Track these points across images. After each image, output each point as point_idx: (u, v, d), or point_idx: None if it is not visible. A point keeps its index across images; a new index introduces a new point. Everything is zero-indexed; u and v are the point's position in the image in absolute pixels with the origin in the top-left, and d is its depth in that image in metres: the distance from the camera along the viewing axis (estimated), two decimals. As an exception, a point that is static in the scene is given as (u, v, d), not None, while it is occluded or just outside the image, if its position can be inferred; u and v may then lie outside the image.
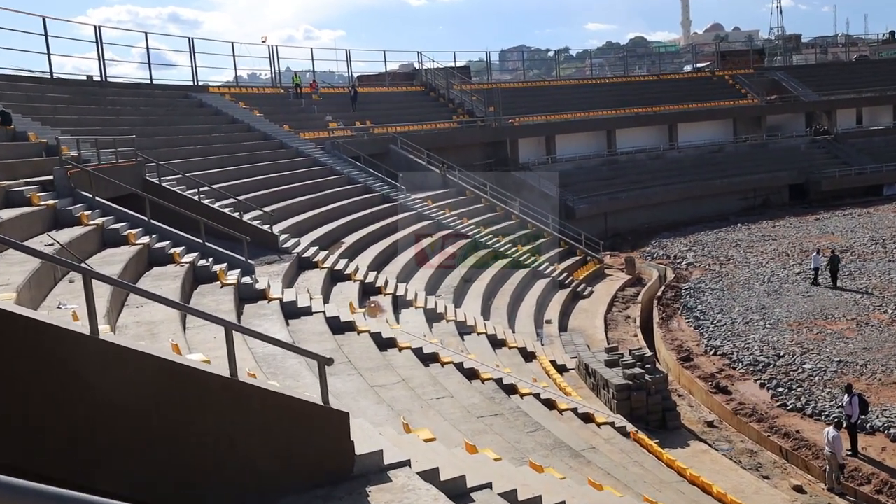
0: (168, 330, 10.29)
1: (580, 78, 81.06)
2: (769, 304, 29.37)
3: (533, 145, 52.50)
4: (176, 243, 16.69)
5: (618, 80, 66.25)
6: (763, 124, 61.67)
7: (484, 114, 50.47)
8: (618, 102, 59.03)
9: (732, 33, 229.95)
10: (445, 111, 50.80)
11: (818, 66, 76.78)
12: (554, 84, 64.46)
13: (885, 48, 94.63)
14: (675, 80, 66.94)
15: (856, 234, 42.48)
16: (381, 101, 49.08)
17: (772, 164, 57.31)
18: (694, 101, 61.27)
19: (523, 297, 29.20)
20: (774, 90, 66.04)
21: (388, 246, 27.45)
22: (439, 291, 25.52)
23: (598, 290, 33.29)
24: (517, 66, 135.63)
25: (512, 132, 50.37)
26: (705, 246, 42.36)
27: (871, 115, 66.80)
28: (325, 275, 20.43)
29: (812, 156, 59.75)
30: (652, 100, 60.44)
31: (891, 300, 28.75)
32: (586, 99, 59.16)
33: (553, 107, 56.40)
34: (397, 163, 39.20)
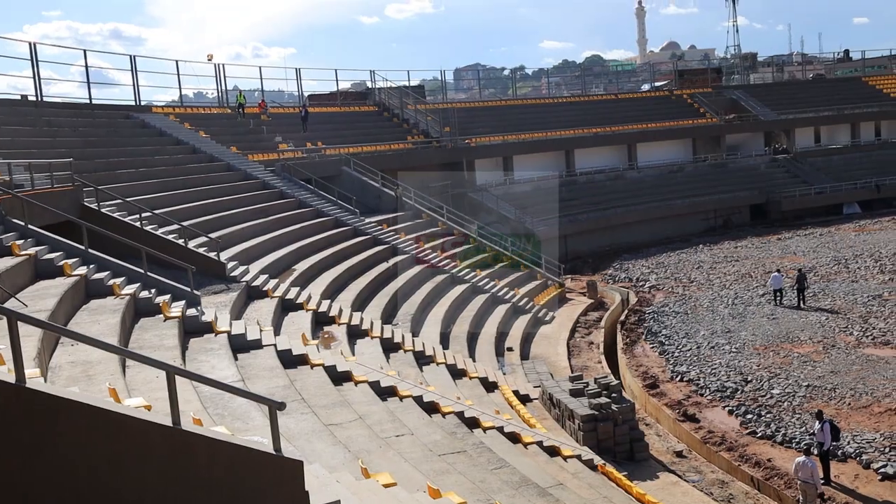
0: (106, 371, 9.81)
1: (537, 97, 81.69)
2: (734, 328, 29.52)
3: (490, 166, 52.54)
4: (116, 274, 16.15)
5: (575, 100, 66.84)
6: (722, 144, 62.71)
7: (439, 134, 50.45)
8: (576, 122, 59.56)
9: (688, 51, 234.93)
10: (400, 131, 50.66)
11: (776, 84, 78.46)
12: (510, 103, 64.86)
13: (840, 66, 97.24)
14: (633, 100, 67.86)
15: (818, 254, 43.13)
16: (333, 122, 48.81)
17: (732, 183, 58.18)
18: (653, 120, 62.14)
19: (483, 323, 28.98)
20: (733, 109, 67.24)
21: (342, 272, 27.10)
22: (396, 319, 25.20)
23: (559, 315, 33.20)
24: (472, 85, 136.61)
25: (468, 153, 50.39)
26: (667, 268, 42.65)
27: (830, 133, 68.36)
28: (276, 304, 19.99)
29: (772, 175, 60.81)
30: (610, 119, 61.07)
31: (856, 321, 29.08)
32: (544, 118, 59.57)
33: (510, 127, 56.68)
34: (350, 185, 38.87)
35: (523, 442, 16.50)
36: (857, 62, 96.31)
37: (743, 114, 66.16)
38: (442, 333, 25.53)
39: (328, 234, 31.08)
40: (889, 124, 70.07)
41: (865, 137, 68.08)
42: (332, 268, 27.33)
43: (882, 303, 31.43)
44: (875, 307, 30.88)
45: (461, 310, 29.24)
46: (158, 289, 16.39)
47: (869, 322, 28.83)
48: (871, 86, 75.05)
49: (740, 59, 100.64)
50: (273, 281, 22.20)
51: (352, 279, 27.29)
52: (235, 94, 45.27)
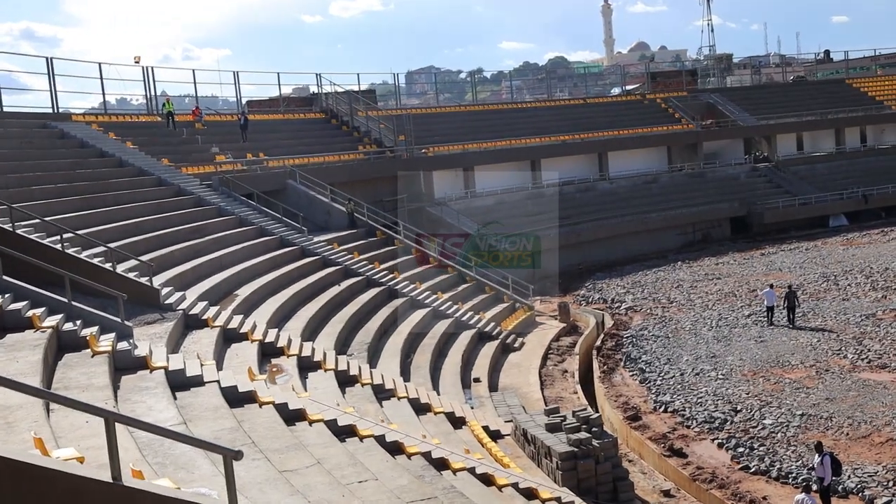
0: (28, 416, 9.38)
1: (498, 102, 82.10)
2: (720, 352, 29.70)
3: (449, 178, 52.57)
4: (35, 303, 15.65)
5: (540, 105, 67.41)
6: (699, 151, 63.58)
7: (393, 143, 50.34)
8: (541, 129, 59.96)
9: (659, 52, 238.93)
10: (350, 141, 50.48)
11: (754, 88, 79.91)
12: (470, 109, 65.14)
13: (822, 68, 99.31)
14: (603, 104, 68.63)
15: (805, 270, 43.75)
16: (276, 130, 48.46)
17: (711, 194, 58.95)
18: (624, 126, 62.87)
19: (447, 351, 28.87)
20: (709, 114, 68.27)
21: (290, 298, 26.82)
22: (351, 349, 24.97)
23: (529, 341, 33.17)
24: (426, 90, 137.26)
25: (426, 163, 50.34)
26: (644, 287, 42.91)
27: (813, 140, 69.74)
28: (217, 335, 19.59)
29: (753, 185, 61.75)
30: (579, 126, 61.61)
31: (850, 343, 29.44)
32: (506, 125, 59.89)
33: (470, 135, 56.88)
34: (297, 200, 38.59)
35: (497, 484, 16.27)
36: (839, 63, 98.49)
37: (721, 119, 67.19)
38: (402, 364, 25.33)
39: (273, 255, 30.76)
40: (874, 129, 71.80)
41: (851, 144, 69.65)
42: (279, 293, 27.00)
43: (876, 322, 31.89)
44: (869, 327, 31.32)
45: (422, 337, 29.04)
46: (84, 320, 15.93)
47: (863, 344, 29.20)
48: (855, 88, 76.79)
49: (715, 61, 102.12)
50: (213, 308, 21.79)
51: (300, 305, 26.99)
52: (163, 101, 44.53)
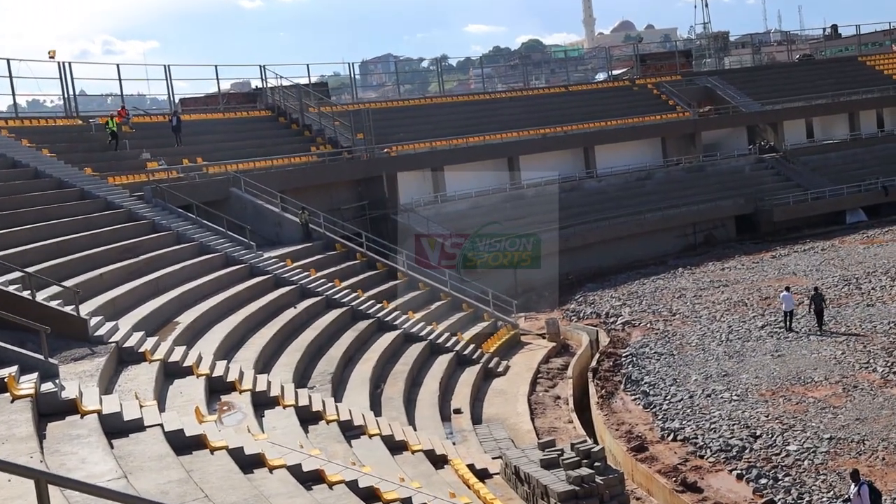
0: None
1: (467, 93, 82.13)
2: (733, 370, 29.72)
3: (416, 180, 52.45)
4: (-58, 341, 15.21)
5: (516, 95, 67.48)
6: (698, 142, 63.95)
7: (351, 143, 50.12)
8: (518, 122, 60.07)
9: (646, 32, 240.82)
10: (301, 141, 50.23)
11: (756, 69, 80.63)
12: (436, 101, 65.05)
13: (831, 45, 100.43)
14: (587, 92, 68.85)
15: (822, 273, 44.02)
16: (215, 131, 48.18)
17: (712, 191, 59.26)
18: (612, 116, 63.18)
19: (421, 380, 28.75)
20: (707, 100, 68.82)
21: (239, 324, 26.56)
22: (312, 381, 24.76)
23: (515, 365, 33.08)
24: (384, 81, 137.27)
25: (388, 165, 50.20)
26: (643, 298, 42.94)
27: (824, 126, 70.46)
28: (157, 370, 19.23)
29: (759, 179, 62.18)
30: (561, 117, 61.73)
31: (878, 354, 29.59)
32: (478, 119, 59.95)
33: (438, 131, 56.82)
34: (242, 211, 38.37)
35: (489, 532, 16.05)
36: (849, 39, 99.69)
37: (720, 105, 67.69)
38: (371, 395, 25.17)
39: (217, 274, 30.57)
40: (892, 112, 72.69)
41: (866, 129, 70.38)
42: (226, 318, 26.77)
43: (907, 330, 32.11)
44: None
45: (393, 364, 28.94)
46: (0, 358, 15.52)
47: (894, 355, 29.37)
48: (869, 66, 77.80)
49: (711, 40, 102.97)
50: (151, 340, 21.41)
51: (252, 332, 26.77)
52: (106, 124, 41.65)
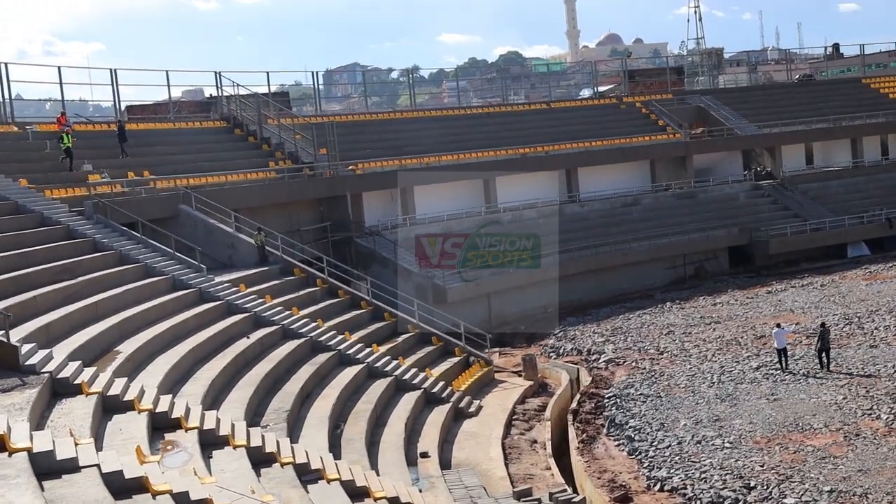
0: None
1: (440, 107, 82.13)
2: (725, 414, 29.75)
3: (383, 201, 52.51)
4: None
5: (494, 110, 67.70)
6: (689, 167, 64.37)
7: (313, 158, 50.04)
8: (495, 140, 60.35)
9: (634, 46, 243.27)
10: (258, 155, 50.15)
11: (752, 89, 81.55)
12: (407, 116, 65.33)
13: (832, 65, 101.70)
14: (570, 110, 69.37)
15: (822, 310, 44.28)
16: (165, 142, 48.04)
17: (704, 219, 59.66)
18: (598, 136, 63.62)
19: (386, 419, 28.69)
20: (700, 121, 69.47)
21: (186, 354, 26.45)
22: (266, 419, 24.59)
23: (488, 405, 33.05)
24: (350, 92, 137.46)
25: (353, 183, 50.15)
26: (627, 335, 43.02)
27: (825, 152, 71.24)
28: (95, 404, 19.00)
29: (755, 207, 62.69)
30: (542, 136, 62.13)
31: (883, 400, 29.71)
32: (453, 136, 60.30)
33: (408, 148, 56.98)
34: (192, 231, 38.15)
35: (459, 590, 15.89)
36: (851, 59, 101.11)
37: (714, 127, 68.26)
38: (330, 436, 25.07)
39: (163, 300, 30.47)
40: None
41: (870, 156, 71.22)
42: (172, 348, 26.63)
43: (913, 374, 32.30)
44: (905, 380, 31.68)
45: (354, 401, 28.89)
46: (-79, 388, 15.24)
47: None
48: (873, 89, 78.78)
49: (705, 56, 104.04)
50: (88, 370, 21.17)
51: (200, 363, 26.62)
52: (60, 137, 40.55)
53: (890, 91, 78.48)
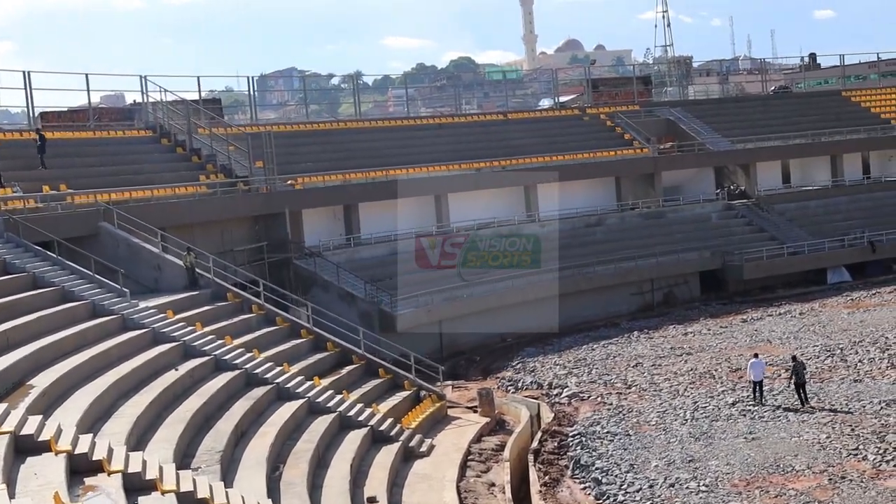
0: None
1: (387, 117, 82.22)
2: (700, 454, 29.78)
3: (324, 219, 52.47)
4: None
5: (445, 121, 67.75)
6: (657, 184, 64.85)
7: (248, 172, 49.68)
8: (447, 154, 60.58)
9: (596, 53, 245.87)
10: (188, 168, 49.74)
11: (725, 101, 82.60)
12: (351, 126, 65.10)
13: (810, 76, 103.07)
14: (529, 122, 69.62)
15: (801, 341, 44.65)
16: (84, 153, 47.52)
17: (674, 241, 60.11)
18: (559, 151, 63.88)
19: (329, 460, 28.47)
20: (669, 135, 69.94)
21: (108, 388, 26.09)
22: (197, 460, 24.31)
23: (441, 444, 32.86)
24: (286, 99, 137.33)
25: (292, 200, 49.98)
26: (592, 367, 43.06)
27: (803, 169, 72.11)
28: (6, 445, 18.78)
29: (728, 229, 63.27)
30: (498, 150, 62.34)
31: (869, 439, 29.89)
32: (400, 149, 60.42)
33: (351, 161, 56.94)
34: (115, 251, 37.77)
35: None
36: (830, 70, 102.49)
37: (684, 142, 68.78)
38: (268, 479, 24.74)
39: (82, 327, 30.20)
40: (880, 156, 74.85)
41: (850, 174, 72.17)
42: (92, 381, 26.29)
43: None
44: (892, 418, 31.90)
45: (294, 440, 28.65)
46: None
47: (887, 440, 29.66)
48: (853, 102, 79.82)
49: (674, 65, 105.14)
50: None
51: (123, 398, 26.29)
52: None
53: (871, 105, 79.63)
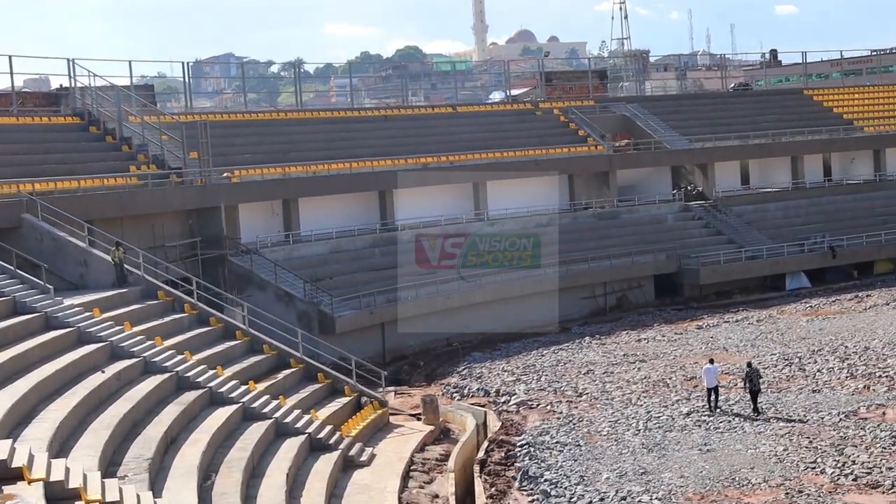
0: None
1: (330, 108, 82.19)
2: (653, 466, 29.90)
3: (262, 215, 52.33)
4: None
5: (391, 113, 67.84)
6: (612, 183, 65.19)
7: (182, 163, 49.39)
8: (392, 148, 60.64)
9: (549, 45, 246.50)
10: (118, 157, 49.49)
11: (683, 97, 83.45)
12: (291, 117, 64.97)
13: (771, 73, 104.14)
14: (479, 115, 69.97)
15: (759, 349, 45.08)
16: (6, 140, 47.10)
17: (628, 243, 60.57)
18: (509, 146, 64.20)
19: (264, 469, 28.24)
20: (625, 132, 70.35)
21: (29, 392, 25.77)
22: (123, 468, 24.05)
23: (382, 453, 32.74)
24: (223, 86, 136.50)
25: (228, 193, 49.74)
26: (541, 373, 43.17)
27: (762, 170, 73.06)
28: (-81, 450, 18.34)
29: (684, 231, 63.85)
30: (446, 144, 62.56)
31: (827, 451, 30.16)
32: (344, 141, 60.45)
33: (292, 153, 56.98)
34: (38, 245, 37.38)
35: None
36: (791, 68, 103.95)
37: (640, 140, 69.33)
38: (199, 489, 24.52)
39: (2, 326, 29.90)
40: (842, 158, 75.87)
41: (811, 176, 73.20)
42: (12, 384, 25.99)
43: (859, 423, 32.95)
44: (850, 430, 32.28)
45: (228, 448, 28.37)
46: None
47: (845, 453, 30.00)
48: (815, 101, 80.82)
49: (630, 59, 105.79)
50: (-89, 409, 20.50)
51: (45, 402, 26.01)
52: None
53: (834, 105, 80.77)
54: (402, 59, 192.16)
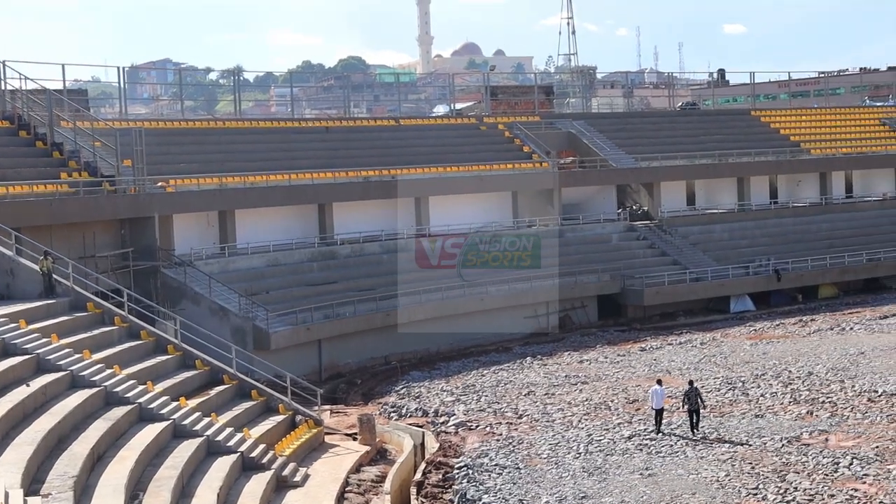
0: None
1: (269, 118, 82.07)
2: (593, 491, 29.96)
3: (197, 226, 52.05)
4: None
5: (332, 124, 67.79)
6: (556, 201, 65.37)
7: (115, 171, 48.96)
8: (333, 160, 60.68)
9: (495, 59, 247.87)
10: (48, 164, 48.94)
11: (629, 115, 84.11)
12: (230, 126, 64.88)
13: (719, 94, 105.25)
14: (423, 129, 70.20)
15: (702, 373, 45.37)
16: (-69, 144, 46.29)
17: (571, 262, 60.79)
18: (453, 161, 64.50)
19: (194, 489, 27.92)
20: (570, 149, 70.78)
21: (-50, 404, 25.17)
22: (47, 486, 23.70)
23: (317, 473, 32.54)
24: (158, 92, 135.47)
25: (162, 203, 49.46)
26: (481, 394, 43.23)
27: (708, 191, 73.79)
28: None
29: (629, 251, 64.32)
30: (388, 158, 62.69)
31: (769, 477, 30.37)
32: (283, 152, 60.56)
33: (229, 163, 56.86)
34: (-40, 253, 36.75)
35: None
36: (739, 88, 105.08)
37: (586, 158, 69.67)
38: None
39: (-77, 335, 29.22)
40: (788, 180, 76.74)
41: (757, 198, 74.12)
42: (-68, 396, 25.35)
43: (802, 449, 33.22)
44: (793, 456, 32.54)
45: (156, 466, 28.07)
46: None
47: (787, 479, 30.21)
48: (763, 122, 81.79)
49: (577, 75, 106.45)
50: None
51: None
52: None
53: (781, 126, 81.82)
54: (345, 70, 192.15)
